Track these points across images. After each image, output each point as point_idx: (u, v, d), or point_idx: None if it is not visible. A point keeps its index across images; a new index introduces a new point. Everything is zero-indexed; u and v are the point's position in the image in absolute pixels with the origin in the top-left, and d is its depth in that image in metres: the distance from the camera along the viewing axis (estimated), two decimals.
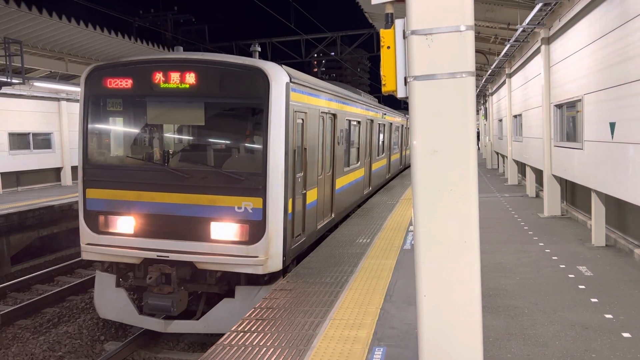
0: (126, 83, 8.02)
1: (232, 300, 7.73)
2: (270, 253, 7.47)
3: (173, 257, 7.66)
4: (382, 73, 3.84)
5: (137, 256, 7.88)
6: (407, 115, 27.09)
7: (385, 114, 20.29)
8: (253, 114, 8.14)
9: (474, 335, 3.61)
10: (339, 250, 9.75)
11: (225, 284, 7.91)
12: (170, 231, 7.74)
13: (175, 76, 7.80)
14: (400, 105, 41.76)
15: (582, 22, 10.26)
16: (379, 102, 26.65)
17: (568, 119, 12.24)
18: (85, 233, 8.23)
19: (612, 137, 8.53)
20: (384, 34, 3.80)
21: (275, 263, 7.59)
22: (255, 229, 7.47)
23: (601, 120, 9.13)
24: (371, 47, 30.54)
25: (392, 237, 10.87)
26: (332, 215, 11.31)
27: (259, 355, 5.29)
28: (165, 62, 7.98)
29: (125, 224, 8.00)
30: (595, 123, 9.49)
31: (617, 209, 10.15)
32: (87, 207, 8.21)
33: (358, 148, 14.69)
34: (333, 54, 34.30)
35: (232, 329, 6.04)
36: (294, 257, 8.59)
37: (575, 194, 13.48)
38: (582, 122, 10.31)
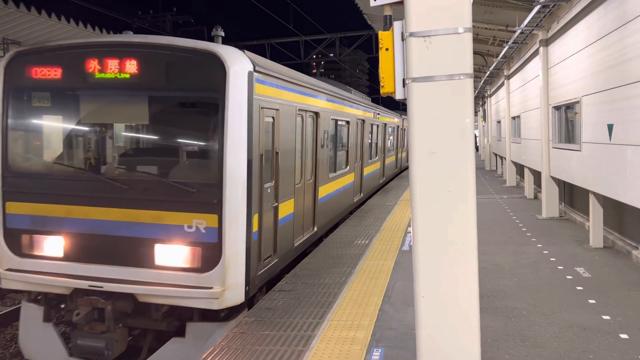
0: (55, 72, 6.63)
1: (182, 340, 6.33)
2: (228, 283, 6.10)
3: (109, 287, 6.25)
4: (380, 75, 3.85)
5: (66, 285, 6.45)
6: (403, 116, 26.34)
7: (378, 114, 18.99)
8: (207, 111, 6.67)
9: (472, 336, 3.62)
10: (338, 251, 9.75)
11: (175, 319, 6.54)
12: (105, 255, 6.39)
13: (112, 64, 6.43)
14: (399, 106, 41.77)
15: (581, 24, 10.29)
16: (377, 103, 26.57)
17: (566, 121, 12.27)
18: (5, 256, 6.75)
19: (610, 139, 8.55)
20: (383, 35, 3.81)
21: (235, 295, 6.19)
22: (209, 253, 6.12)
23: (599, 122, 9.15)
24: (370, 48, 30.58)
25: (390, 238, 10.88)
26: (314, 228, 10.01)
27: (258, 356, 5.29)
28: (100, 47, 6.57)
29: (53, 245, 6.60)
30: (593, 125, 9.51)
31: (615, 211, 10.18)
32: (6, 224, 6.77)
33: (347, 151, 13.42)
34: (332, 55, 34.33)
35: (230, 330, 6.05)
36: (264, 284, 7.29)
37: (573, 196, 13.51)
38: (580, 124, 10.34)
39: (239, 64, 6.31)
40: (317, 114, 10.00)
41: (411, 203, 3.69)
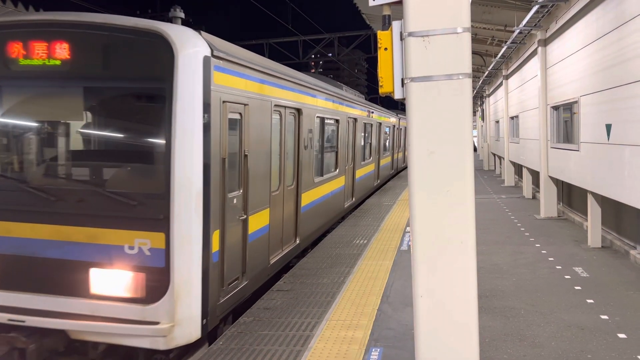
0: None
1: None
2: (179, 317, 5.03)
3: (33, 321, 5.09)
4: (379, 74, 3.85)
5: None
6: (399, 115, 25.78)
7: (372, 113, 17.76)
8: (152, 105, 5.64)
9: (471, 336, 3.62)
10: (336, 251, 9.75)
11: None
12: (30, 281, 5.29)
13: (40, 47, 5.34)
14: (397, 105, 41.77)
15: (579, 24, 10.30)
16: (376, 103, 26.50)
17: (565, 121, 12.28)
18: None
19: (608, 139, 8.56)
20: (382, 35, 3.81)
21: (188, 331, 5.13)
22: (155, 280, 5.08)
23: (597, 122, 9.16)
24: (369, 48, 30.76)
25: (389, 238, 10.88)
26: (297, 240, 8.84)
27: (256, 356, 5.29)
28: (25, 27, 5.46)
29: None
30: (592, 125, 9.52)
31: (613, 211, 10.19)
32: None
33: (336, 152, 12.26)
34: (330, 55, 34.34)
35: (229, 330, 6.04)
36: (229, 312, 6.24)
37: (571, 196, 13.52)
38: (579, 124, 10.35)
39: (191, 47, 5.21)
40: (299, 110, 8.89)
41: (410, 203, 3.69)
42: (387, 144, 22.50)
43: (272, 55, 29.57)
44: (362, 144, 15.93)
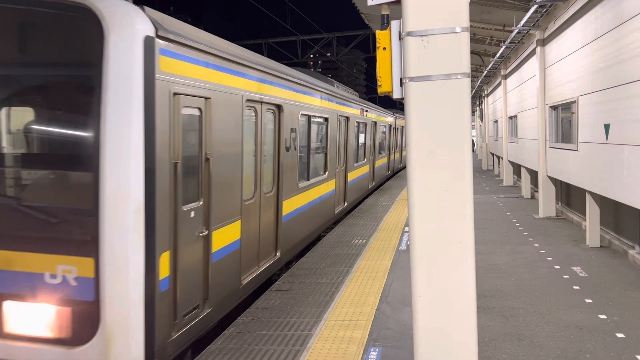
0: None
1: None
2: None
3: None
4: (378, 74, 3.85)
5: None
6: (396, 114, 25.20)
7: (367, 111, 16.68)
8: (78, 96, 4.56)
9: (470, 336, 3.62)
10: (335, 250, 9.75)
11: None
12: None
13: None
14: (396, 105, 41.79)
15: (577, 24, 10.31)
16: (375, 102, 26.43)
17: (563, 121, 12.29)
18: None
19: (607, 139, 8.57)
20: (380, 35, 3.81)
21: None
22: (84, 317, 4.17)
23: (596, 122, 9.17)
24: (367, 48, 30.63)
25: (387, 237, 10.88)
26: (277, 254, 7.91)
27: (255, 356, 5.28)
28: None
29: None
30: (590, 124, 9.53)
31: (611, 210, 10.20)
32: None
33: (326, 154, 11.29)
34: (329, 54, 34.35)
35: (227, 329, 6.04)
36: (188, 347, 5.26)
37: (570, 195, 13.54)
38: (577, 124, 10.36)
39: (127, 25, 4.22)
40: (279, 107, 7.89)
41: (408, 202, 3.69)
42: (383, 144, 21.65)
43: (270, 55, 29.57)
44: (356, 144, 15.07)
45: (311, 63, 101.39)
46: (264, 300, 7.00)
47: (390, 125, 23.69)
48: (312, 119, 10.10)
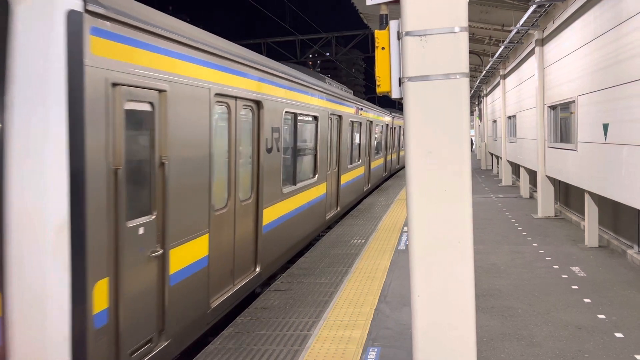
0: None
1: None
2: None
3: None
4: (376, 74, 3.85)
5: None
6: (393, 114, 24.75)
7: (361, 109, 15.81)
8: None
9: (468, 336, 3.62)
10: (334, 250, 9.75)
11: None
12: None
13: None
14: (395, 105, 41.81)
15: (576, 24, 10.31)
16: (374, 102, 26.38)
17: (562, 121, 12.30)
18: None
19: (606, 139, 8.57)
20: (379, 34, 3.81)
21: None
22: None
23: (595, 122, 9.18)
24: (366, 47, 30.71)
25: (386, 237, 10.88)
26: (257, 269, 7.07)
27: (253, 356, 5.28)
28: None
29: None
30: (589, 124, 9.53)
31: (610, 210, 10.21)
32: None
33: (315, 155, 10.53)
34: (328, 54, 34.34)
35: (226, 329, 6.03)
36: None
37: (568, 195, 13.54)
38: (576, 124, 10.36)
39: None
40: (258, 103, 7.05)
41: (407, 202, 3.69)
42: (379, 144, 21.01)
43: (269, 54, 29.58)
44: (349, 144, 14.23)
45: (310, 63, 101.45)
46: (263, 300, 7.00)
47: (387, 124, 22.95)
48: (299, 117, 9.27)
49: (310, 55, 35.17)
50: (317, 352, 5.31)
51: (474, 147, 38.43)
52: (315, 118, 10.44)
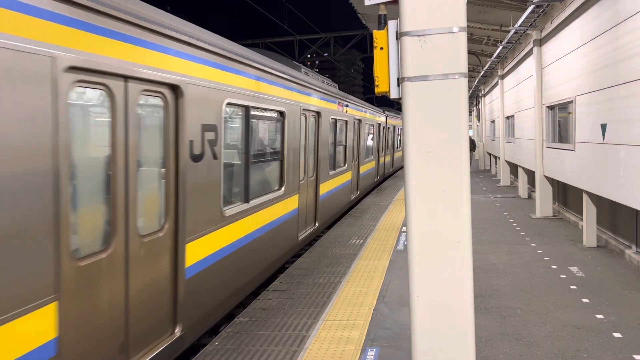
0: None
1: None
2: None
3: None
4: (375, 74, 3.84)
5: None
6: (387, 112, 23.40)
7: (347, 106, 13.91)
8: None
9: (467, 336, 3.62)
10: (332, 251, 9.74)
11: None
12: None
13: None
14: (393, 105, 41.77)
15: (574, 24, 10.32)
16: (372, 102, 26.26)
17: (560, 121, 12.31)
18: None
19: (604, 139, 8.58)
20: (377, 35, 3.81)
21: None
22: None
23: (592, 122, 9.19)
24: (364, 48, 30.63)
25: (385, 237, 10.88)
26: (176, 331, 5.00)
27: (252, 357, 5.27)
28: None
29: None
30: (587, 124, 9.54)
31: (608, 210, 10.22)
32: None
33: (282, 161, 8.61)
34: (326, 54, 34.36)
35: (224, 330, 6.02)
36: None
37: (567, 195, 13.56)
38: (574, 124, 10.37)
39: None
40: (175, 89, 5.01)
41: (406, 202, 3.69)
42: (370, 146, 19.08)
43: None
44: (332, 147, 12.20)
45: (308, 63, 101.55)
46: (262, 300, 6.99)
47: (380, 124, 20.92)
48: (252, 112, 7.13)
49: (309, 56, 35.11)
50: (316, 353, 5.31)
51: (477, 149, 37.78)
52: (281, 114, 8.37)
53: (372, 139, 19.48)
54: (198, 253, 5.46)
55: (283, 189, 8.52)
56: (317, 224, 10.92)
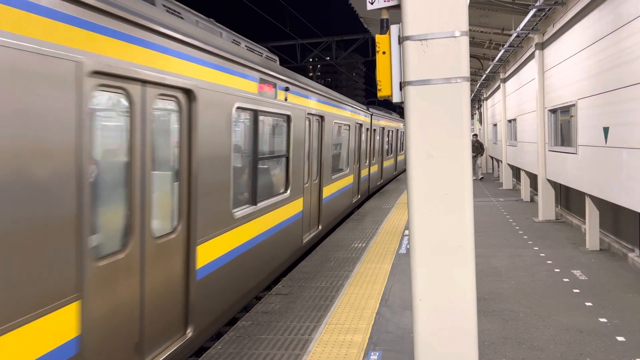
0: None
1: None
2: None
3: None
4: (377, 78, 3.86)
5: None
6: (372, 110, 20.97)
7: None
8: None
9: (470, 339, 3.62)
10: (335, 254, 9.74)
11: None
12: None
13: None
14: (395, 109, 41.76)
15: (576, 28, 10.33)
16: (375, 106, 26.24)
17: (562, 124, 12.31)
18: None
19: (606, 142, 8.58)
20: (380, 39, 3.83)
21: None
22: None
23: (595, 125, 9.18)
24: (366, 52, 30.69)
25: (387, 241, 10.88)
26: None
27: None
28: None
29: None
30: (589, 128, 9.54)
31: (611, 213, 10.21)
32: None
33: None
34: (328, 58, 34.42)
35: (227, 333, 6.03)
36: None
37: (569, 199, 13.54)
38: (576, 127, 10.37)
39: None
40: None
41: (408, 206, 3.70)
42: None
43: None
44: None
45: (310, 67, 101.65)
46: (264, 304, 7.00)
47: (361, 124, 16.62)
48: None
49: (311, 60, 35.20)
50: (319, 357, 5.31)
51: (484, 153, 36.69)
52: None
53: (349, 142, 14.84)
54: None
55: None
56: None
